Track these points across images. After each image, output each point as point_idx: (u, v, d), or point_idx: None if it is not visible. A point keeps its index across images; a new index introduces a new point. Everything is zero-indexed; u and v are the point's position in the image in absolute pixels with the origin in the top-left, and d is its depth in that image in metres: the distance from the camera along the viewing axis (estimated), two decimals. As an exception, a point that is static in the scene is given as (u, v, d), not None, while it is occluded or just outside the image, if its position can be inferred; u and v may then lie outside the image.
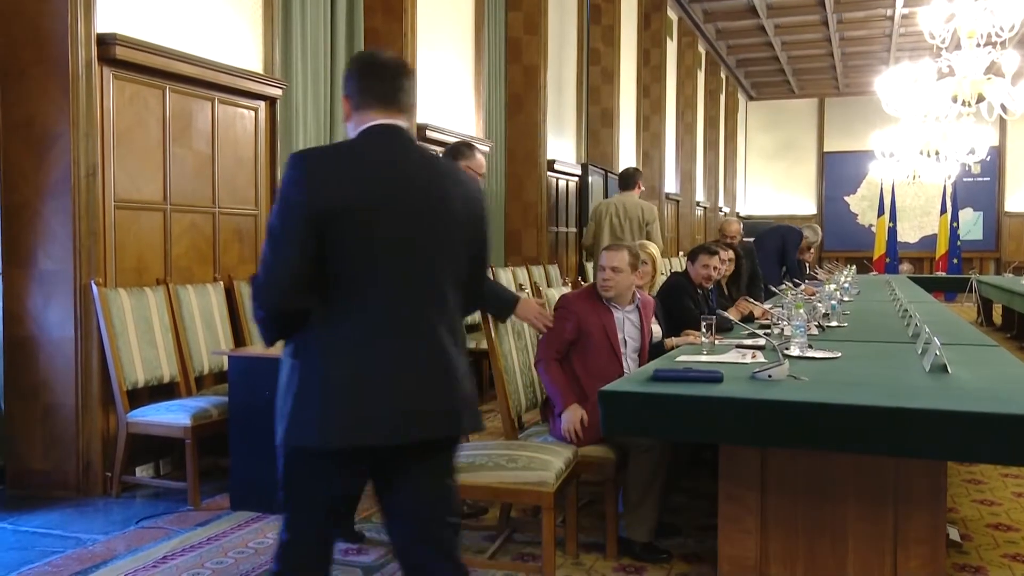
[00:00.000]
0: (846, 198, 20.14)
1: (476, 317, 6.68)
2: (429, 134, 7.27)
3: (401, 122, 2.12)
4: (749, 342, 3.80)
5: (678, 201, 15.29)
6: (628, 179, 7.60)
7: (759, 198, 20.91)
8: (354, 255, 2.00)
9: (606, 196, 10.89)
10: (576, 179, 10.38)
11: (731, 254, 5.33)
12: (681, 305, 4.59)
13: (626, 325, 3.71)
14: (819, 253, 18.80)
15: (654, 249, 4.33)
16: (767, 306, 5.17)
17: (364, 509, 3.86)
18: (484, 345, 5.54)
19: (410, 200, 2.06)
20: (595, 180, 10.68)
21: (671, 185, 14.75)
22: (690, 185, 15.66)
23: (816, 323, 4.37)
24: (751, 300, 4.70)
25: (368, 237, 2.01)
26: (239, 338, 4.99)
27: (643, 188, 7.92)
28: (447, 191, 2.12)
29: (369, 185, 2.03)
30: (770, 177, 20.79)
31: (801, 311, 3.54)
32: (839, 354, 3.44)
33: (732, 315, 4.46)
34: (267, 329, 2.05)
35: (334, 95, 6.17)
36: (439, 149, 7.70)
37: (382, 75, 2.12)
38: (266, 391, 3.99)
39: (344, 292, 2.00)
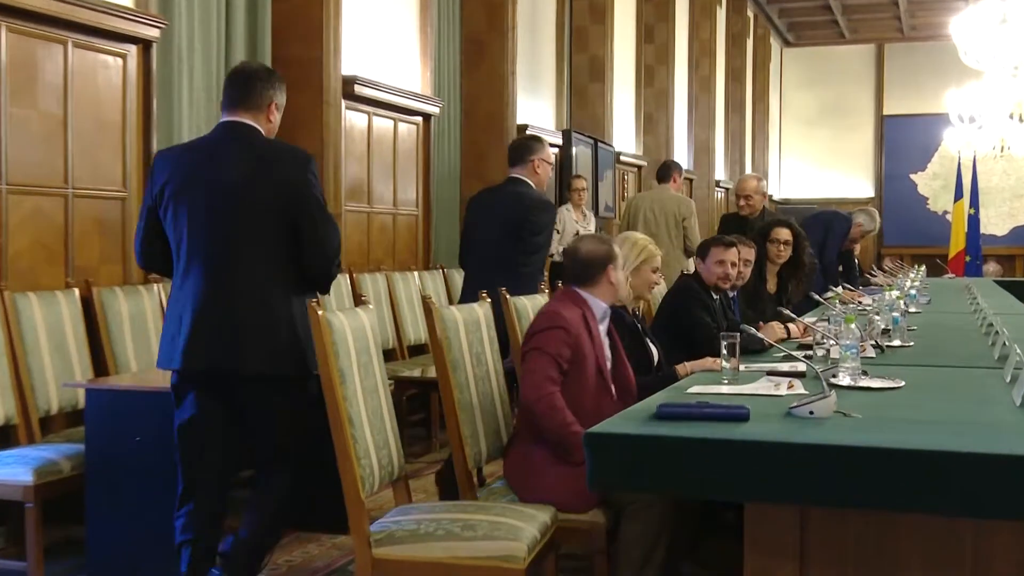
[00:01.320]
0: (913, 177, 20.48)
1: (424, 336, 6.70)
2: (358, 89, 7.27)
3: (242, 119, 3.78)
4: (784, 367, 3.83)
5: (691, 180, 15.39)
6: (664, 171, 9.14)
7: (798, 177, 21.16)
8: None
9: (596, 172, 10.97)
10: (556, 151, 10.46)
11: (750, 251, 5.40)
12: (691, 317, 4.62)
13: (605, 343, 3.85)
14: (877, 248, 19.04)
15: (646, 242, 4.35)
16: (808, 320, 5.22)
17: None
18: (433, 372, 5.56)
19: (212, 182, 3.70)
20: (581, 151, 10.77)
21: (682, 158, 14.89)
22: (707, 159, 15.84)
23: (873, 342, 4.45)
24: (786, 312, 4.74)
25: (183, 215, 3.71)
26: (100, 364, 4.97)
27: (680, 180, 9.25)
28: (249, 172, 3.68)
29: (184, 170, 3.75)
30: (813, 149, 21.06)
31: (853, 327, 3.59)
32: (902, 383, 3.48)
33: (767, 335, 4.49)
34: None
35: (230, 36, 6.17)
36: (380, 111, 7.71)
37: (231, 82, 3.83)
38: (135, 436, 3.96)
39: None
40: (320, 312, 3.17)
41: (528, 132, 9.61)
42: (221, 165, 3.68)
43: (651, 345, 4.34)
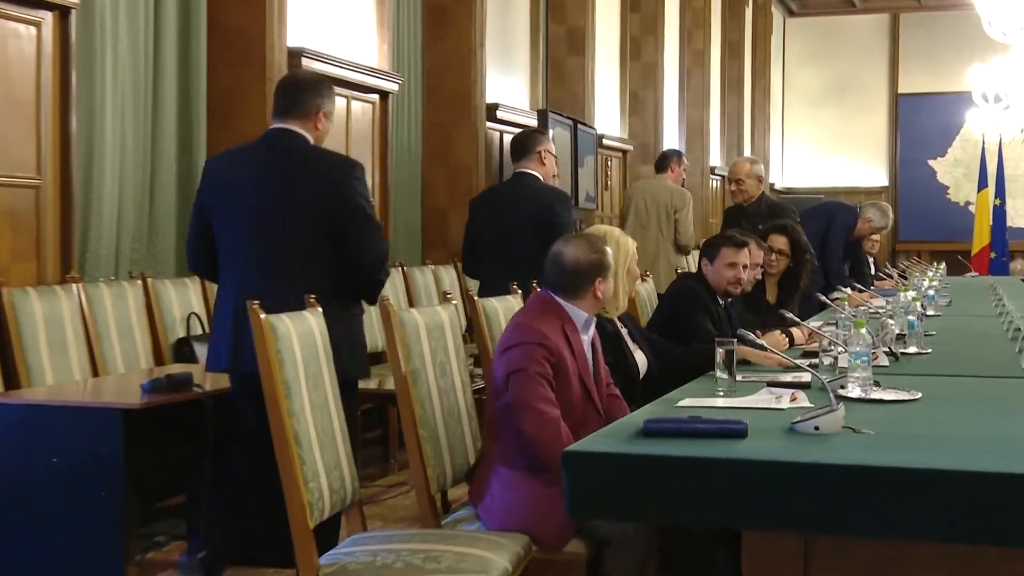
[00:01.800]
0: (931, 163, 20.51)
1: (381, 343, 6.67)
2: (306, 63, 7.24)
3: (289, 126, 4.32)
4: (787, 378, 3.85)
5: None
6: (662, 161, 9.44)
7: (803, 163, 21.22)
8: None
9: (575, 157, 10.97)
10: None
11: (760, 253, 5.39)
12: (692, 324, 4.62)
13: (589, 356, 3.86)
14: (891, 244, 19.09)
15: (626, 240, 4.36)
16: (813, 324, 5.23)
17: None
18: (391, 384, 5.53)
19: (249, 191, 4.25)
20: (559, 134, 10.75)
21: (672, 142, 14.90)
22: (700, 143, 15.89)
23: (886, 349, 4.48)
24: (791, 316, 4.76)
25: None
26: (10, 376, 4.93)
27: (680, 171, 9.40)
28: (294, 179, 4.21)
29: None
30: (819, 132, 21.10)
31: (864, 332, 3.61)
32: (919, 395, 3.52)
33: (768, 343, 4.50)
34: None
35: (159, 1, 6.13)
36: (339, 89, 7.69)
37: (280, 90, 4.43)
38: (51, 456, 3.93)
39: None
40: (262, 315, 3.15)
41: (499, 112, 9.63)
42: (267, 172, 4.23)
43: (637, 353, 4.34)
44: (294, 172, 4.22)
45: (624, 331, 4.37)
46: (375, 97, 8.35)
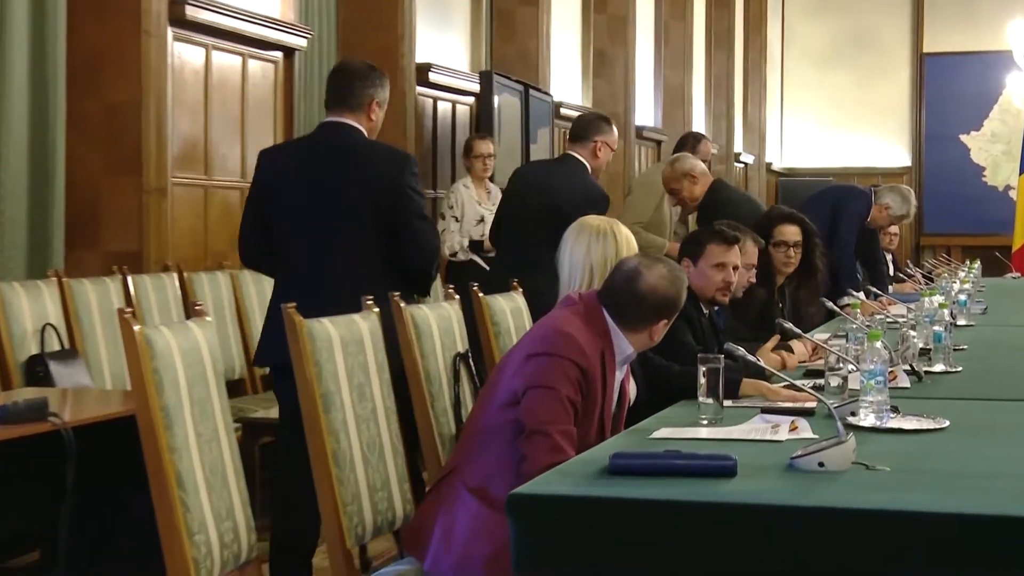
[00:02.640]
0: (964, 139, 20.60)
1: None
2: (191, 11, 7.18)
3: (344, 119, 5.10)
4: (786, 403, 3.87)
5: (659, 142, 15.40)
6: (681, 144, 9.56)
7: (807, 138, 21.22)
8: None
9: (526, 130, 10.96)
10: (470, 100, 10.48)
11: (754, 249, 5.44)
12: (670, 337, 4.57)
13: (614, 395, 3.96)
14: (915, 237, 19.15)
15: (627, 237, 4.42)
16: (819, 336, 5.25)
17: None
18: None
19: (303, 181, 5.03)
20: (506, 102, 10.76)
21: (645, 114, 14.93)
22: (681, 113, 15.92)
23: (907, 367, 4.49)
24: (791, 328, 4.71)
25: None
26: None
27: (705, 152, 9.25)
28: (346, 173, 5.00)
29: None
30: (827, 100, 21.03)
31: (879, 345, 3.60)
32: (946, 423, 3.54)
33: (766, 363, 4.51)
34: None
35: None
36: (223, 42, 7.64)
37: (332, 81, 5.26)
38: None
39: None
40: (136, 327, 3.13)
41: (432, 74, 9.58)
42: (319, 166, 5.00)
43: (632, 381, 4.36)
44: (349, 167, 5.00)
45: None
46: (278, 55, 8.36)
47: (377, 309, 4.21)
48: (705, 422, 3.59)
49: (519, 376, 3.67)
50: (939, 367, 4.74)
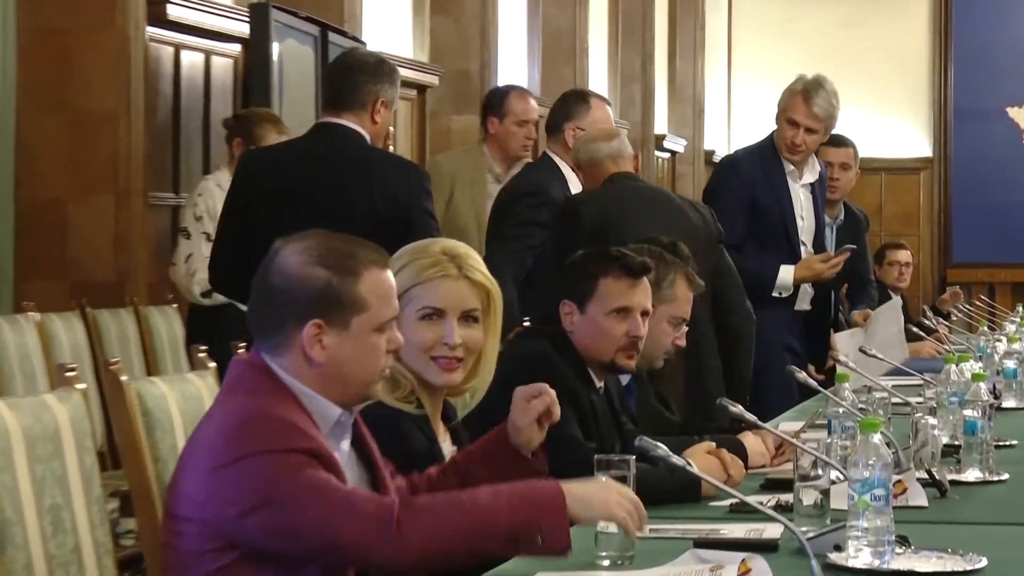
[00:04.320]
0: (1012, 112, 15.73)
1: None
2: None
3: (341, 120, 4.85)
4: (735, 530, 3.35)
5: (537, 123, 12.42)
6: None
7: (768, 115, 16.48)
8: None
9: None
10: (235, 49, 8.38)
11: (687, 288, 4.58)
12: (551, 432, 3.64)
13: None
14: (938, 270, 15.89)
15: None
16: (786, 426, 4.66)
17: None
18: None
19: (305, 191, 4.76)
20: (289, 51, 8.28)
21: (513, 72, 11.41)
22: (570, 72, 12.19)
23: (923, 475, 3.79)
24: (740, 413, 3.90)
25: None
26: None
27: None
28: (339, 186, 4.68)
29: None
30: (799, 56, 14.64)
31: (877, 441, 2.94)
32: (982, 563, 2.97)
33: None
34: None
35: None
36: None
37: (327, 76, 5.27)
38: None
39: None
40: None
41: (172, 5, 7.64)
42: (313, 178, 4.70)
43: None
44: (346, 179, 4.69)
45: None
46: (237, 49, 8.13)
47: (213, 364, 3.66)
48: (606, 562, 2.98)
49: (211, 504, 2.81)
50: (972, 474, 4.05)
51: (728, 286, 5.80)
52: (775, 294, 6.62)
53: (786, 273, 6.62)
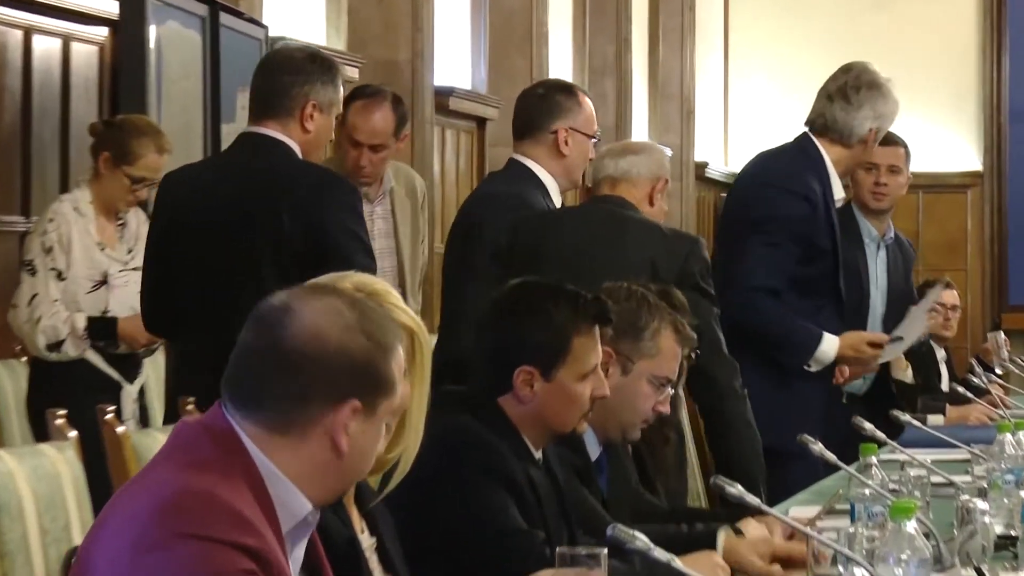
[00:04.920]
0: None
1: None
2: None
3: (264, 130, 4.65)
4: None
5: (482, 120, 11.13)
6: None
7: (775, 120, 14.51)
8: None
9: (214, 87, 8.03)
10: (102, 33, 7.78)
11: (680, 340, 4.26)
12: (464, 522, 3.49)
13: None
14: (990, 315, 14.34)
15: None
16: (795, 512, 4.30)
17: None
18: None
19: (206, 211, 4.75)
20: (173, 36, 7.61)
21: (455, 69, 10.82)
22: (525, 66, 11.34)
23: (974, 567, 3.51)
24: (741, 495, 3.49)
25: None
26: None
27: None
28: (252, 207, 4.58)
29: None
30: (814, 46, 14.08)
31: (912, 529, 2.80)
32: None
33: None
34: None
35: None
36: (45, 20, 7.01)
37: (253, 79, 4.91)
38: None
39: None
40: None
41: None
42: (220, 197, 4.49)
43: None
44: (250, 197, 4.43)
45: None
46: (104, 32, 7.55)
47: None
48: None
49: None
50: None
51: (712, 352, 5.06)
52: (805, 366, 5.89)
53: (829, 347, 5.80)
